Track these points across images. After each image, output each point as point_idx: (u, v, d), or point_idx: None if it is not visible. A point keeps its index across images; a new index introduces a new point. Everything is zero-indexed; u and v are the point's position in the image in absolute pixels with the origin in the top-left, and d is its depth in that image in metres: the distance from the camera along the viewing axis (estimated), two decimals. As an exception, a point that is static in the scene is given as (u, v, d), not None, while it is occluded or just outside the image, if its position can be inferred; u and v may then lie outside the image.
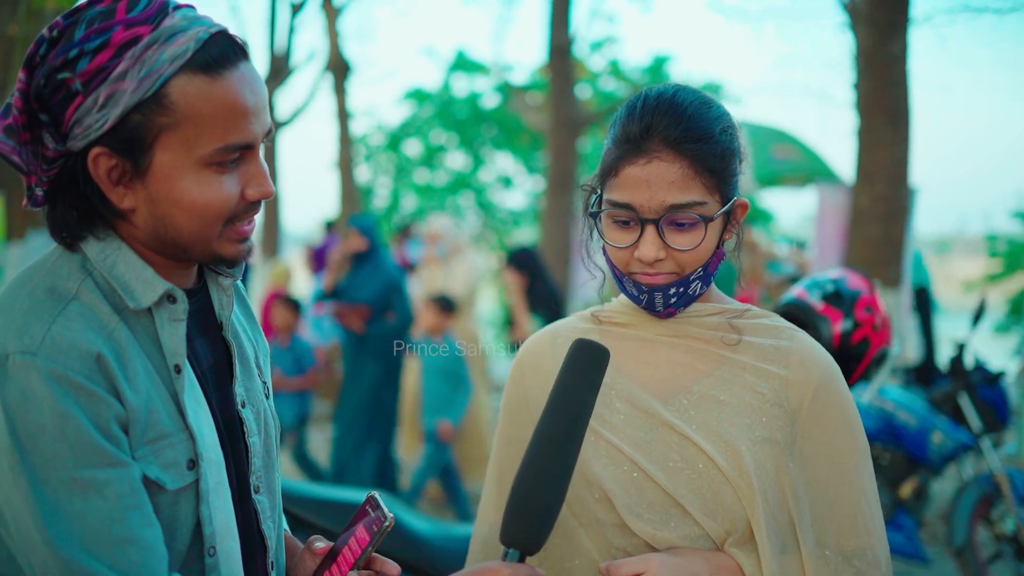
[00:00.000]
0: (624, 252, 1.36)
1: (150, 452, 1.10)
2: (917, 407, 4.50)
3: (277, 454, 1.34)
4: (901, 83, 5.64)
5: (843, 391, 1.40)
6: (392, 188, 17.80)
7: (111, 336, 1.09)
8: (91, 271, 1.14)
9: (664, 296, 1.37)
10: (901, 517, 4.43)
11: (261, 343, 1.38)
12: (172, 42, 1.08)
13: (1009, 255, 11.42)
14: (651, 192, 1.30)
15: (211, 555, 1.16)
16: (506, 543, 1.25)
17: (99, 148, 1.09)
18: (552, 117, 9.00)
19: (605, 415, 1.41)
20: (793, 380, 1.38)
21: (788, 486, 1.34)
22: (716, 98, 1.39)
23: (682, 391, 1.39)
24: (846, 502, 1.36)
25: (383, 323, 5.62)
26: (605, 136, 1.42)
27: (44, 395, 1.03)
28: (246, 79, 1.13)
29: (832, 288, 2.83)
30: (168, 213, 1.12)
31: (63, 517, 1.03)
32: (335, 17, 11.57)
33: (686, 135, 1.30)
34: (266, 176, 1.17)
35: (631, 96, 1.40)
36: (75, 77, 1.07)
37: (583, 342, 1.31)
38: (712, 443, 1.35)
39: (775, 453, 1.35)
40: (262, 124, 1.15)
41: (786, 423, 1.36)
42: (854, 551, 1.35)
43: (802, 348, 1.40)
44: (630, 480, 1.36)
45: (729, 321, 1.43)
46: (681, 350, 1.42)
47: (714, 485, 1.33)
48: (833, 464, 1.36)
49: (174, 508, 1.13)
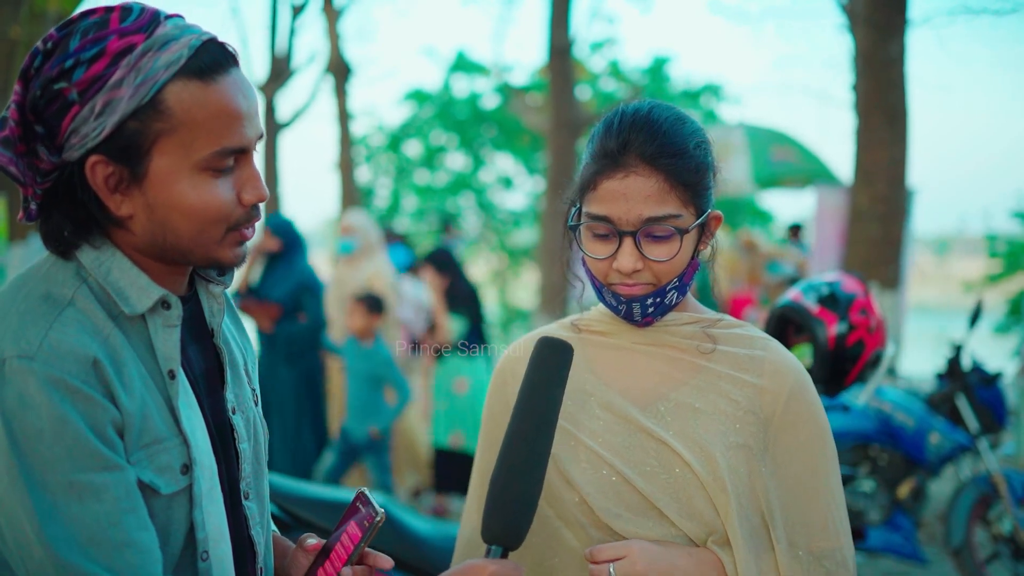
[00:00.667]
0: (603, 263, 1.40)
1: (145, 456, 1.11)
2: (915, 408, 4.52)
3: (265, 461, 1.35)
4: (899, 84, 5.66)
5: (814, 399, 1.45)
6: (392, 189, 17.80)
7: (106, 341, 1.11)
8: (86, 278, 1.15)
9: (642, 306, 1.42)
10: (899, 518, 4.45)
11: (249, 350, 1.40)
12: (166, 49, 1.10)
13: (1009, 255, 11.42)
14: (628, 205, 1.35)
15: (204, 559, 1.17)
16: (488, 540, 1.29)
17: (96, 156, 1.10)
18: (552, 118, 9.02)
19: (585, 421, 1.45)
20: (766, 388, 1.42)
21: (760, 490, 1.39)
22: (690, 114, 1.44)
23: (659, 398, 1.44)
24: (817, 505, 1.40)
25: (294, 323, 5.52)
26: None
27: (42, 399, 1.04)
28: (238, 85, 1.15)
29: (827, 291, 2.85)
30: (167, 218, 1.14)
31: (60, 520, 1.04)
32: (336, 19, 11.59)
33: (661, 150, 1.35)
34: (260, 179, 1.19)
35: (608, 112, 1.44)
36: (71, 87, 1.08)
37: (547, 339, 1.36)
38: (688, 448, 1.39)
39: (748, 458, 1.39)
40: (255, 129, 1.18)
41: (759, 429, 1.41)
42: (824, 552, 1.39)
43: (775, 358, 1.45)
44: (609, 484, 1.40)
45: (704, 330, 1.47)
46: (658, 359, 1.47)
47: (690, 489, 1.38)
48: (804, 469, 1.41)
49: (168, 512, 1.14)
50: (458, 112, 17.00)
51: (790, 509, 1.40)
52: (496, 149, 17.49)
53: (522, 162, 17.38)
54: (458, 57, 16.93)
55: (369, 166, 17.56)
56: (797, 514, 1.40)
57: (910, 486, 4.51)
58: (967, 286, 11.49)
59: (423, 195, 17.64)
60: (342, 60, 11.28)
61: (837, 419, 4.42)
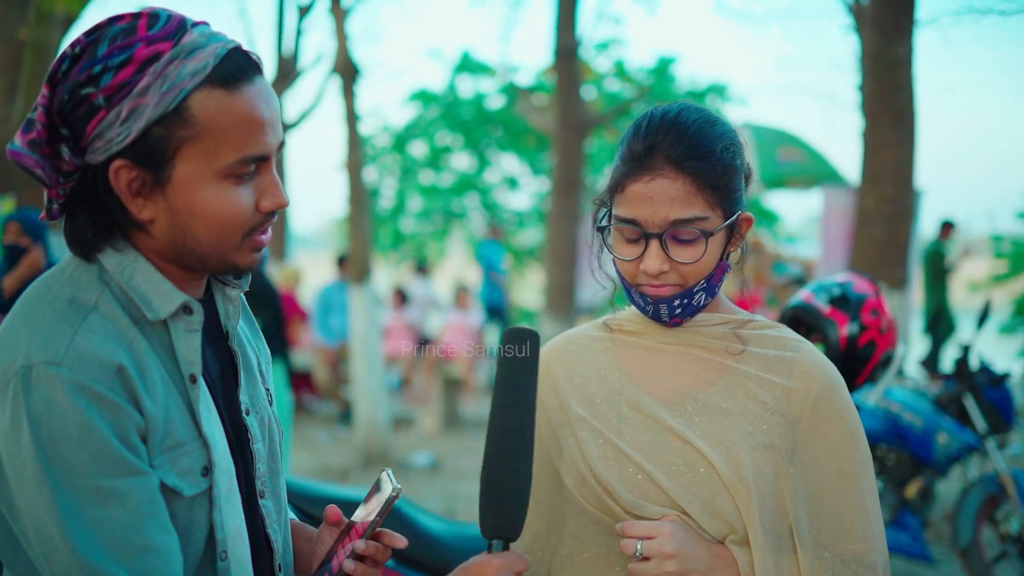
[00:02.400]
0: (631, 265, 1.42)
1: (167, 460, 1.13)
2: (923, 408, 4.53)
3: (280, 460, 1.37)
4: (906, 86, 5.65)
5: (845, 400, 1.45)
6: (398, 189, 17.81)
7: (131, 347, 1.12)
8: (108, 282, 1.16)
9: (669, 307, 1.43)
10: (906, 517, 4.46)
11: (263, 351, 1.42)
12: (192, 57, 1.11)
13: (1014, 256, 11.42)
14: (655, 208, 1.36)
15: (223, 559, 1.19)
16: (487, 535, 1.30)
17: (120, 160, 1.12)
18: (558, 118, 9.01)
19: (612, 419, 1.46)
20: (795, 389, 1.43)
21: (787, 491, 1.39)
22: (721, 116, 1.44)
23: (687, 399, 1.45)
24: (846, 508, 1.40)
25: None
26: (613, 142, 1.48)
27: (68, 406, 1.05)
28: (262, 93, 1.16)
29: (839, 292, 2.86)
30: (187, 224, 1.15)
31: (85, 524, 1.06)
32: (343, 19, 11.60)
33: (688, 153, 1.36)
34: (280, 187, 1.20)
35: (640, 114, 1.45)
36: (98, 92, 1.10)
37: (510, 330, 1.36)
38: (714, 449, 1.40)
39: (775, 459, 1.40)
40: (276, 136, 1.19)
41: (787, 430, 1.41)
42: (852, 555, 1.39)
43: (806, 359, 1.45)
44: (634, 482, 1.41)
45: (734, 331, 1.48)
46: (687, 359, 1.48)
47: (713, 488, 1.39)
48: (833, 470, 1.41)
49: (190, 514, 1.16)
50: (463, 112, 17.00)
51: (817, 511, 1.40)
52: (501, 150, 17.48)
53: (527, 163, 17.37)
54: (463, 58, 16.92)
55: (374, 166, 17.56)
56: (825, 517, 1.40)
57: (918, 486, 4.52)
58: (973, 287, 11.49)
59: (428, 195, 17.64)
60: (349, 61, 11.28)
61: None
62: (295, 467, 7.23)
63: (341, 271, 9.65)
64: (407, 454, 7.83)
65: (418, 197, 17.84)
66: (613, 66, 17.05)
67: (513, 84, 13.64)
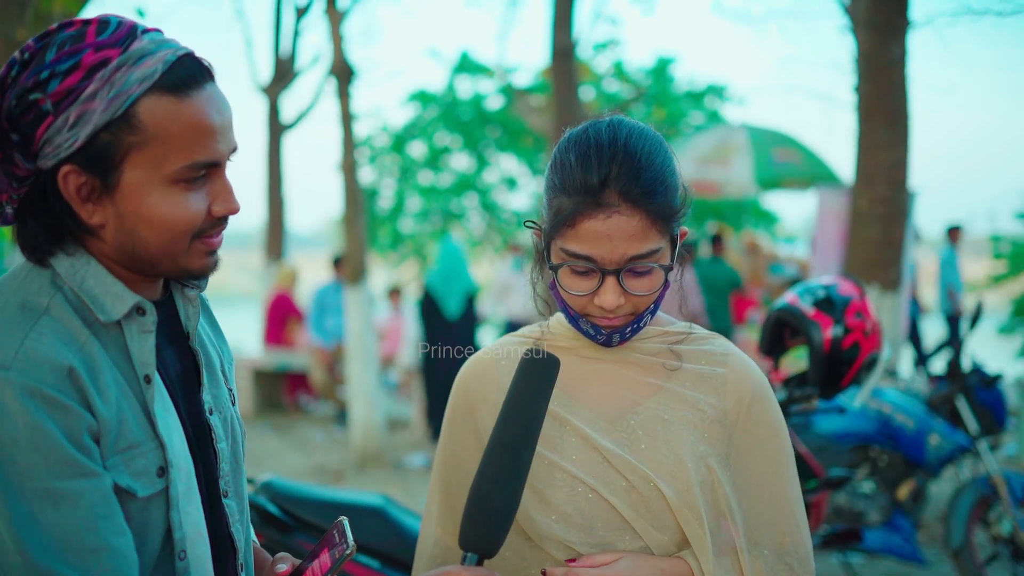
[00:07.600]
0: (583, 299, 1.39)
1: (121, 461, 1.13)
2: (915, 409, 4.53)
3: (243, 459, 1.37)
4: (900, 86, 5.66)
5: (772, 403, 1.49)
6: (396, 190, 17.82)
7: (82, 349, 1.12)
8: (61, 286, 1.16)
9: (620, 335, 1.43)
10: (899, 519, 4.45)
11: (226, 351, 1.42)
12: (140, 64, 1.11)
13: (1013, 256, 11.40)
14: (612, 245, 1.33)
15: (181, 559, 1.19)
16: (464, 547, 1.29)
17: (69, 166, 1.12)
18: (556, 119, 9.00)
19: (556, 441, 1.45)
20: (729, 398, 1.46)
21: (723, 496, 1.41)
22: (655, 132, 1.41)
23: (627, 412, 1.45)
24: (778, 503, 1.45)
25: None
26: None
27: (18, 409, 1.05)
28: (213, 100, 1.16)
29: (823, 294, 2.86)
30: (136, 229, 1.15)
31: (37, 527, 1.06)
32: (339, 21, 11.60)
33: (644, 190, 1.33)
34: (231, 193, 1.21)
35: (577, 136, 1.40)
36: (46, 98, 1.10)
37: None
38: (656, 463, 1.41)
39: (716, 466, 1.42)
40: (228, 143, 1.19)
41: (724, 436, 1.44)
42: (786, 548, 1.44)
43: (734, 373, 1.48)
44: (585, 500, 1.41)
45: (670, 347, 1.49)
46: (622, 376, 1.48)
47: (660, 504, 1.39)
48: (767, 470, 1.45)
49: (144, 514, 1.16)
50: (462, 113, 17.02)
51: (754, 509, 1.43)
52: (500, 150, 17.51)
53: (526, 163, 17.39)
54: (462, 58, 16.94)
55: (373, 167, 17.57)
56: (761, 513, 1.44)
57: (910, 487, 4.51)
58: (971, 287, 11.48)
59: (427, 196, 17.66)
60: (346, 62, 11.29)
61: (834, 421, 4.43)
62: (292, 468, 7.24)
63: (337, 272, 9.66)
64: (402, 455, 7.84)
65: (417, 197, 17.86)
66: (611, 66, 17.07)
67: (511, 85, 13.65)
